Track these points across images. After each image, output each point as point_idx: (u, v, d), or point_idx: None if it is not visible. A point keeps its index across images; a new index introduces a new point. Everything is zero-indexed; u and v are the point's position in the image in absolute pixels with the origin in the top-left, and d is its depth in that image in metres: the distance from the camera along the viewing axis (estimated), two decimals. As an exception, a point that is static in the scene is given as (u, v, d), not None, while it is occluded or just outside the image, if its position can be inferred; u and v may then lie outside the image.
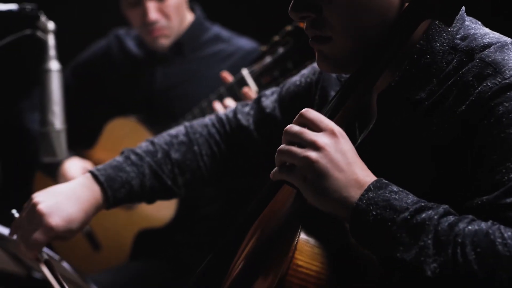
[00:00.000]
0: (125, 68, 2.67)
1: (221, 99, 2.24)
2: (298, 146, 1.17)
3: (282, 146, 1.20)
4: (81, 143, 2.60)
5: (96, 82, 2.71)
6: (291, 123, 1.21)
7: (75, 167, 2.56)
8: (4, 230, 1.92)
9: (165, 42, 2.57)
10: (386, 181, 1.17)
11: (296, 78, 1.63)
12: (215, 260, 1.32)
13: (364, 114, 1.34)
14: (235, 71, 2.25)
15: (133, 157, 1.58)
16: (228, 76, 2.25)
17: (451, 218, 1.13)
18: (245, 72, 2.19)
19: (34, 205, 1.49)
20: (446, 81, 1.25)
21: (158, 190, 1.60)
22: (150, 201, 1.62)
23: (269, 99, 1.65)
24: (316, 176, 1.15)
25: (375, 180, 1.16)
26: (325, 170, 1.15)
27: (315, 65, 1.58)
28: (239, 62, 2.44)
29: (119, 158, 1.59)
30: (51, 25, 1.86)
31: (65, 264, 1.80)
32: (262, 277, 1.23)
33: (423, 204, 1.14)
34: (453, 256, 1.09)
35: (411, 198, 1.15)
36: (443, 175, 1.22)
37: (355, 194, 1.15)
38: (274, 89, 1.68)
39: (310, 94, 1.57)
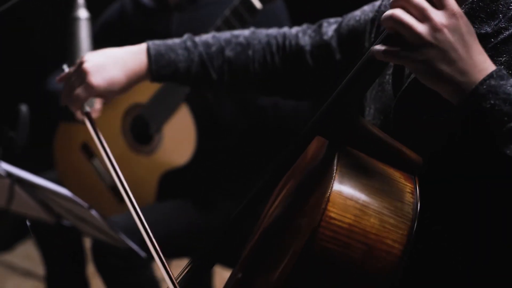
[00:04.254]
0: (141, 22, 2.66)
1: (227, 22, 2.27)
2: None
3: (398, 12, 1.13)
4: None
5: (114, 45, 2.70)
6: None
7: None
8: (35, 179, 1.94)
9: None
10: (506, 73, 1.13)
11: (357, 13, 1.61)
12: (246, 210, 1.31)
13: None
14: None
15: (189, 43, 1.64)
16: None
17: None
18: None
19: (82, 62, 1.58)
20: None
21: (202, 79, 1.65)
22: (193, 86, 1.74)
23: (331, 27, 1.63)
24: (432, 59, 1.11)
25: (497, 69, 1.13)
26: (440, 54, 1.11)
27: (376, 2, 1.56)
28: None
29: (176, 40, 1.66)
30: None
31: (93, 212, 1.81)
32: (293, 228, 1.23)
33: None
34: None
35: None
36: None
37: (474, 78, 1.11)
38: (338, 18, 1.66)
39: (365, 32, 1.55)
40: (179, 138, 2.49)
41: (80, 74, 1.58)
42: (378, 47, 1.15)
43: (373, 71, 1.23)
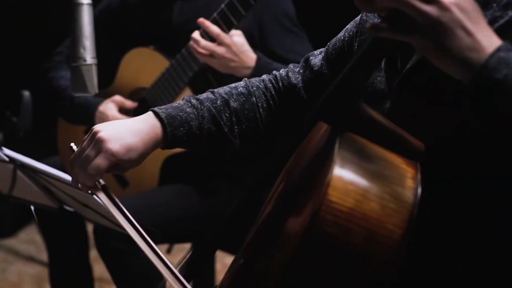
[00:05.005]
0: (141, 9, 2.66)
1: (222, 15, 2.33)
2: None
3: None
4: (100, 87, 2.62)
5: (114, 33, 2.70)
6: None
7: (105, 104, 2.57)
8: (37, 164, 1.95)
9: None
10: None
11: (341, 34, 1.63)
12: (248, 196, 1.32)
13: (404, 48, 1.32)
14: None
15: (193, 101, 1.59)
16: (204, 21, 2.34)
17: None
18: None
19: (95, 133, 1.50)
20: (508, 6, 1.22)
21: (215, 135, 1.59)
22: (206, 147, 1.61)
23: (317, 57, 1.65)
24: (438, 36, 1.11)
25: (504, 43, 1.13)
26: (449, 32, 1.11)
27: (357, 18, 1.57)
28: None
29: (180, 101, 1.60)
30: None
31: (96, 198, 1.82)
32: (295, 213, 1.23)
33: None
34: None
35: None
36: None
37: (483, 53, 1.11)
38: (322, 49, 1.68)
39: (352, 48, 1.56)
40: None
41: (96, 143, 1.49)
42: (383, 24, 1.14)
43: (377, 54, 1.23)
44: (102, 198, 1.51)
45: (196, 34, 2.36)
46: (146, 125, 1.54)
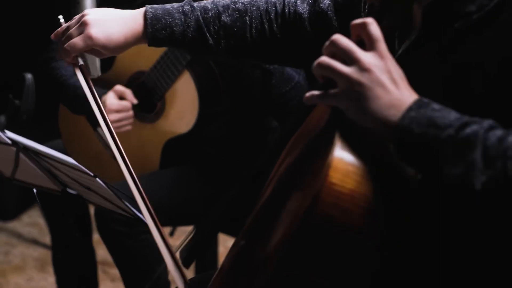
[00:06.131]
0: None
1: None
2: (341, 61, 1.16)
3: (324, 58, 1.17)
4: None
5: None
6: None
7: (111, 96, 2.57)
8: (40, 147, 1.95)
9: None
10: (427, 100, 1.15)
11: None
12: (248, 181, 1.32)
13: (405, 24, 1.32)
14: None
15: (186, 7, 1.64)
16: None
17: (498, 132, 1.11)
18: None
19: (83, 15, 1.61)
20: None
21: (199, 44, 1.65)
22: (190, 50, 1.69)
23: None
24: (359, 97, 1.14)
25: (416, 99, 1.15)
26: (367, 93, 1.14)
27: None
28: None
29: (175, 4, 1.66)
30: None
31: (99, 181, 1.82)
32: (296, 194, 1.24)
33: (466, 119, 1.12)
34: (503, 169, 1.08)
35: (453, 114, 1.13)
36: (487, 96, 1.19)
37: (397, 113, 1.14)
38: None
39: (360, 4, 1.54)
40: (182, 105, 2.49)
41: (81, 25, 1.60)
42: (315, 92, 1.19)
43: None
44: (79, 76, 1.63)
45: None
46: (132, 20, 1.62)
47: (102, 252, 3.01)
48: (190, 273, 2.23)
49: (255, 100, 2.43)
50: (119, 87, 2.56)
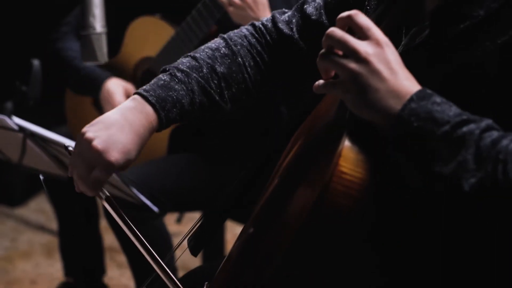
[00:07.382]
0: None
1: (199, 12, 2.35)
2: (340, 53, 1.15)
3: (323, 52, 1.17)
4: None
5: (121, 2, 2.68)
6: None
7: (116, 85, 2.56)
8: (47, 133, 1.95)
9: None
10: (430, 91, 1.14)
11: None
12: (255, 170, 1.31)
13: (413, 19, 1.30)
14: None
15: (179, 74, 1.49)
16: None
17: (494, 134, 1.09)
18: None
19: (88, 143, 1.39)
20: None
21: (207, 106, 1.52)
22: (199, 118, 1.54)
23: (312, 5, 1.58)
24: (358, 88, 1.13)
25: (418, 90, 1.13)
26: (367, 83, 1.13)
27: None
28: None
29: (164, 77, 1.49)
30: None
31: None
32: (305, 182, 1.23)
33: (465, 117, 1.11)
34: (493, 172, 1.07)
35: (453, 110, 1.12)
36: (487, 96, 1.17)
37: (396, 104, 1.12)
38: None
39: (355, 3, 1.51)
40: None
41: (92, 156, 1.38)
42: (321, 82, 1.19)
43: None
44: (108, 209, 1.44)
45: None
46: (138, 114, 1.43)
47: (109, 238, 3.01)
48: (197, 260, 2.23)
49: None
50: (130, 87, 2.56)
